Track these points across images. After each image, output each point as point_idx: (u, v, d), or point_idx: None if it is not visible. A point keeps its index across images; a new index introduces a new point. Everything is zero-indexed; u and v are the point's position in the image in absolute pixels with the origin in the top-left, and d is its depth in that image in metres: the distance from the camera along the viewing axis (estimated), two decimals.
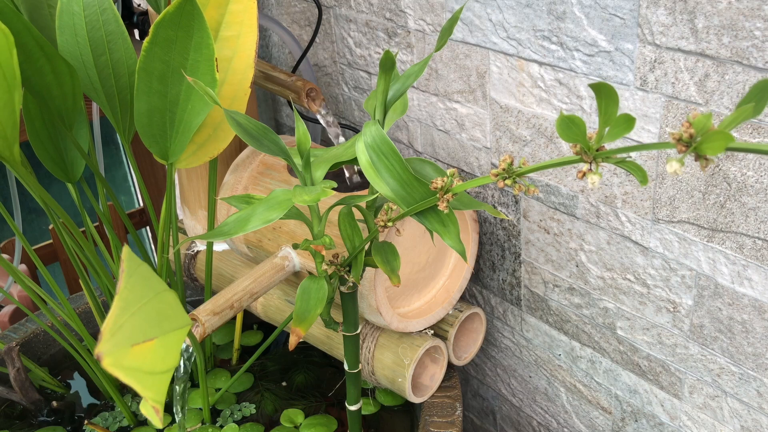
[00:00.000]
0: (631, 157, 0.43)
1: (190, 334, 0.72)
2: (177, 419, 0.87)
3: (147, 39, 0.72)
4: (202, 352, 1.02)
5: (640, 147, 0.41)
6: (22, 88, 0.71)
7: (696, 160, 0.39)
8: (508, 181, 0.48)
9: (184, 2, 0.70)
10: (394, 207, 0.60)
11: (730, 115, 0.38)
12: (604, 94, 0.41)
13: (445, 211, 0.53)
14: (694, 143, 0.38)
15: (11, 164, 0.75)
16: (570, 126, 0.42)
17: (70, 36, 0.74)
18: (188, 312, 0.86)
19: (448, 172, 0.53)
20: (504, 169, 0.48)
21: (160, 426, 0.43)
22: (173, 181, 0.85)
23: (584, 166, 0.43)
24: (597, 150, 0.43)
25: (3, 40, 0.68)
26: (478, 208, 0.58)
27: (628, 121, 0.41)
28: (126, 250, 0.48)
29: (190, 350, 0.82)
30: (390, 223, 0.59)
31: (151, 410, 0.42)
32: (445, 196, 0.52)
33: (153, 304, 0.46)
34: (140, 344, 0.42)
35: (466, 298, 1.03)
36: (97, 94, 0.78)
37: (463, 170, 0.92)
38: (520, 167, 0.48)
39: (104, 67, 0.76)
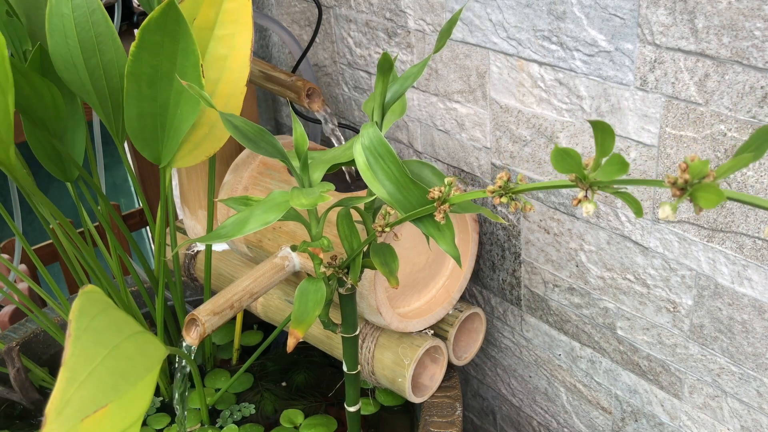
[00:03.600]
0: (627, 189, 0.43)
1: (182, 353, 0.72)
2: (177, 420, 0.87)
3: (134, 44, 0.72)
4: (202, 351, 1.02)
5: (637, 182, 0.41)
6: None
7: (690, 202, 0.39)
8: (504, 199, 0.48)
9: (167, 7, 0.70)
10: (392, 211, 0.60)
11: (727, 163, 0.38)
12: (600, 129, 0.41)
13: (442, 222, 0.53)
14: (690, 188, 0.37)
15: (7, 167, 0.75)
16: (564, 158, 0.42)
17: (60, 38, 0.74)
18: (188, 312, 0.86)
19: (446, 180, 0.52)
20: (501, 186, 0.48)
21: None
22: (167, 183, 0.85)
23: (580, 194, 0.43)
24: (594, 179, 0.43)
25: None
26: (477, 212, 0.58)
27: (622, 164, 0.41)
28: (76, 306, 0.45)
29: (192, 350, 0.82)
30: (387, 228, 0.59)
31: None
32: (441, 207, 0.52)
33: (108, 362, 0.43)
34: (91, 415, 0.40)
35: (466, 298, 1.03)
36: (89, 96, 0.78)
37: (463, 170, 0.92)
38: (517, 184, 0.48)
39: (95, 68, 0.76)
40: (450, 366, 0.91)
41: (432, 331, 0.89)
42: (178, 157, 0.83)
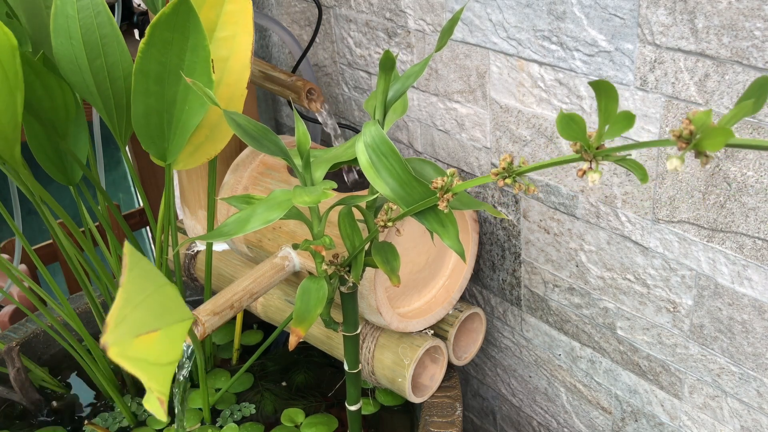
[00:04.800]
0: (631, 155, 0.43)
1: (191, 333, 0.72)
2: (176, 419, 0.87)
3: (143, 40, 0.72)
4: (203, 352, 1.02)
5: (641, 145, 0.41)
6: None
7: (696, 157, 0.39)
8: (508, 180, 0.48)
9: (179, 3, 0.70)
10: (394, 207, 0.60)
11: (729, 112, 0.38)
12: (604, 91, 0.41)
13: (445, 211, 0.53)
14: (694, 140, 0.38)
15: (12, 165, 0.75)
16: (570, 124, 0.42)
17: (65, 39, 0.74)
18: None
19: (448, 171, 0.53)
20: (504, 168, 0.48)
21: (164, 418, 0.43)
22: (171, 182, 0.85)
23: (584, 165, 0.43)
24: (597, 148, 0.43)
25: (6, 42, 0.68)
26: (478, 208, 0.58)
27: (628, 118, 0.41)
28: (128, 245, 0.48)
29: (190, 349, 0.82)
30: (390, 223, 0.59)
31: (156, 402, 0.42)
32: (445, 196, 0.52)
33: (155, 296, 0.47)
34: (144, 335, 0.43)
35: (466, 298, 1.03)
36: (92, 98, 0.78)
37: (463, 170, 0.92)
38: (520, 166, 0.48)
39: (99, 70, 0.76)
40: (450, 366, 0.91)
41: (432, 331, 0.90)
42: (180, 160, 0.83)
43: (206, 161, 0.84)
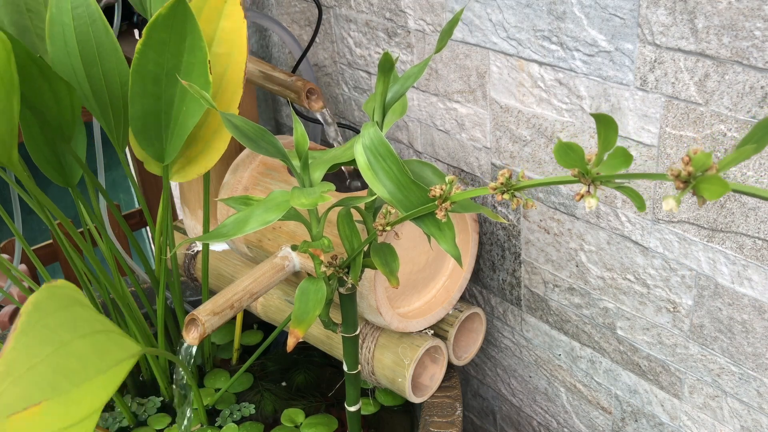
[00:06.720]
0: (629, 182, 0.43)
1: (178, 360, 0.71)
2: (177, 420, 0.87)
3: (140, 41, 0.72)
4: (202, 351, 1.02)
5: (640, 176, 0.41)
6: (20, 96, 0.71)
7: (693, 195, 0.38)
8: (506, 195, 0.48)
9: (176, 4, 0.70)
10: (393, 210, 0.60)
11: (729, 155, 0.38)
12: (604, 123, 0.41)
13: (443, 220, 0.53)
14: (693, 180, 0.37)
15: (10, 169, 0.75)
16: (568, 152, 0.42)
17: (61, 47, 0.74)
18: (188, 312, 0.86)
19: (447, 179, 0.52)
20: (502, 183, 0.48)
21: None
22: (169, 184, 0.85)
23: (582, 188, 0.43)
24: (596, 173, 0.42)
25: (0, 46, 0.68)
26: (478, 212, 0.58)
27: (626, 156, 0.41)
28: (31, 301, 0.44)
29: (192, 350, 0.82)
30: (388, 227, 0.59)
31: None
32: (443, 205, 0.52)
33: (51, 360, 0.43)
34: (21, 412, 0.40)
35: (466, 298, 1.03)
36: (89, 104, 0.78)
37: (463, 170, 0.92)
38: (519, 180, 0.48)
39: (96, 77, 0.76)
40: (450, 366, 0.91)
41: (432, 331, 0.89)
42: (174, 171, 0.84)
43: (202, 173, 0.84)
